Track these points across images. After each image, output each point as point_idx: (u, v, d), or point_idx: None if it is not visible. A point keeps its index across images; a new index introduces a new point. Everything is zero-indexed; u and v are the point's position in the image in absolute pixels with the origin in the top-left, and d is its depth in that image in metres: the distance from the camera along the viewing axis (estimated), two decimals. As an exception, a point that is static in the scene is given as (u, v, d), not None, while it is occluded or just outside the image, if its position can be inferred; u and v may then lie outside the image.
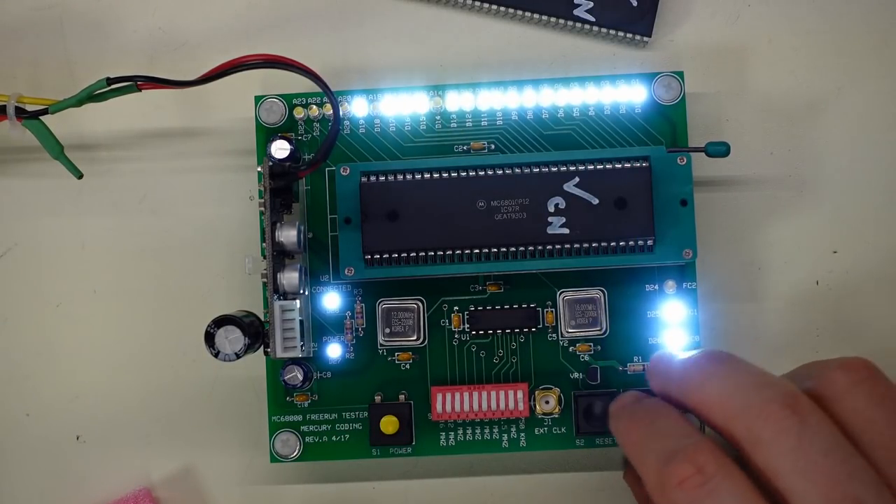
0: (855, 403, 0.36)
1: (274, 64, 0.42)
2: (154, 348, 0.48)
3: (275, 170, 0.42)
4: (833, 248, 0.47)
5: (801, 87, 0.48)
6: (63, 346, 0.48)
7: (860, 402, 0.36)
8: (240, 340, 0.40)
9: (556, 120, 0.46)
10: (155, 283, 0.48)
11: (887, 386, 0.37)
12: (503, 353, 0.45)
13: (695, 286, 0.45)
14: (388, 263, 0.43)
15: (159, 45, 0.49)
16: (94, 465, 0.48)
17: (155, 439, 0.48)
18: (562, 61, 0.48)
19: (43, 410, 0.48)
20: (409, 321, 0.45)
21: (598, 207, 0.43)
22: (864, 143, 0.47)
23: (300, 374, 0.44)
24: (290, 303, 0.41)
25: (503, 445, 0.45)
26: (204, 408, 0.48)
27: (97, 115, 0.46)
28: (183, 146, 0.48)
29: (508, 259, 0.43)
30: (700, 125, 0.47)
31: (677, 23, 0.48)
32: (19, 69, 0.49)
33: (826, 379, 0.37)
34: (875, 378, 0.37)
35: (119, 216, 0.48)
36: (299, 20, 0.48)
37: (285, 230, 0.42)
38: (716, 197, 0.47)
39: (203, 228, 0.48)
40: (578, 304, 0.45)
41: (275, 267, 0.41)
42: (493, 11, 0.48)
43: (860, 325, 0.47)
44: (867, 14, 0.48)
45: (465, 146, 0.46)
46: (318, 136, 0.46)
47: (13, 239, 0.49)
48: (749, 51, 0.48)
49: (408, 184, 0.43)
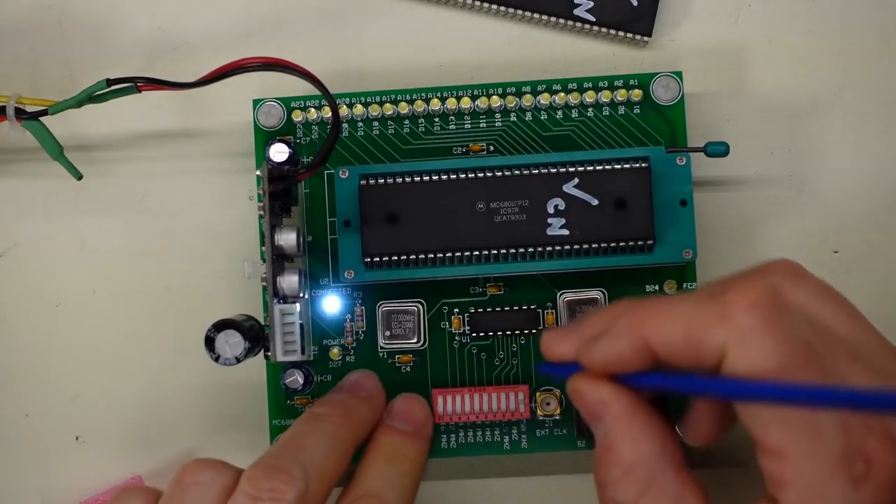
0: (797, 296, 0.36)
1: (273, 67, 0.42)
2: (154, 349, 0.48)
3: (273, 173, 0.42)
4: (833, 248, 0.47)
5: (801, 87, 0.47)
6: (63, 346, 0.48)
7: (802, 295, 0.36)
8: (240, 344, 0.40)
9: (554, 121, 0.46)
10: (154, 283, 0.48)
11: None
12: (504, 354, 0.45)
13: (695, 286, 0.45)
14: (388, 266, 0.43)
15: (159, 46, 0.49)
16: (94, 465, 0.48)
17: (154, 440, 0.48)
18: (562, 61, 0.48)
19: (42, 411, 0.48)
20: (410, 324, 0.45)
21: (597, 208, 0.43)
22: (864, 143, 0.47)
23: (300, 378, 0.45)
24: (289, 306, 0.41)
25: (504, 447, 0.45)
26: (204, 410, 0.48)
27: (97, 115, 0.46)
28: (182, 148, 0.48)
29: (508, 261, 0.43)
30: (700, 125, 0.47)
31: (677, 23, 0.48)
32: (19, 69, 0.49)
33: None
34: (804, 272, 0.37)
35: (118, 217, 0.48)
36: (299, 21, 0.48)
37: (284, 234, 0.42)
38: (716, 197, 0.47)
39: (202, 230, 0.48)
40: (579, 305, 0.45)
41: (274, 270, 0.41)
42: (493, 11, 0.48)
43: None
44: (867, 14, 0.47)
45: (464, 148, 0.46)
46: (316, 139, 0.46)
47: (13, 239, 0.49)
48: (749, 51, 0.48)
49: (407, 186, 0.43)
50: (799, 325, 0.34)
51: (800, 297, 0.36)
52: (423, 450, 0.43)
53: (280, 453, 0.39)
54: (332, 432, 0.40)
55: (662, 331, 0.35)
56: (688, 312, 0.35)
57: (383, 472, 0.41)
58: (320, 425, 0.41)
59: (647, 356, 0.36)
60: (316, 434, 0.40)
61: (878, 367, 0.35)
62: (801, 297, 0.36)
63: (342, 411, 0.42)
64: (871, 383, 0.34)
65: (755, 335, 0.33)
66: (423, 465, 0.43)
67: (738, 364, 0.33)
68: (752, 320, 0.33)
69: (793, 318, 0.34)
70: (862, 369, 0.34)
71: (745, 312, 0.34)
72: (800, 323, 0.34)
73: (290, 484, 0.37)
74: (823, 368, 0.33)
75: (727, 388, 0.34)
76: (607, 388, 0.37)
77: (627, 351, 0.36)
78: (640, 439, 0.37)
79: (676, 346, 0.35)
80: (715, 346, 0.34)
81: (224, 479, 0.38)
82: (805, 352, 0.33)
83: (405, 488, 0.41)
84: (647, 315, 0.36)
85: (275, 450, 0.39)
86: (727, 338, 0.34)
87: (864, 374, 0.34)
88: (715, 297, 0.35)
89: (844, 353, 0.35)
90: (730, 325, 0.34)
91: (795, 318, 0.34)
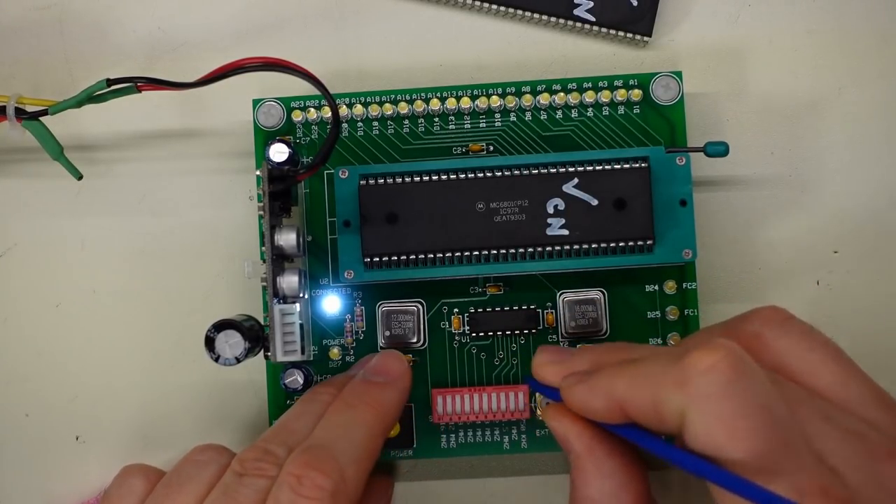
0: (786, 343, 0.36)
1: (273, 67, 0.42)
2: (154, 349, 0.48)
3: (273, 173, 0.42)
4: (833, 248, 0.47)
5: (801, 87, 0.47)
6: (63, 346, 0.48)
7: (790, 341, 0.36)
8: (240, 345, 0.40)
9: (554, 121, 0.46)
10: (154, 283, 0.48)
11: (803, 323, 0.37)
12: (504, 354, 0.45)
13: (695, 286, 0.45)
14: (388, 266, 0.43)
15: (159, 46, 0.49)
16: (94, 465, 0.48)
17: (154, 440, 0.48)
18: (562, 61, 0.48)
19: (42, 411, 0.48)
20: (409, 324, 0.45)
21: (597, 208, 0.43)
22: (864, 143, 0.47)
23: (301, 378, 0.45)
24: (289, 306, 0.41)
25: (504, 447, 0.45)
26: (204, 410, 0.48)
27: (97, 115, 0.46)
28: (182, 147, 0.48)
29: (508, 261, 0.43)
30: (700, 125, 0.47)
31: (677, 23, 0.48)
32: (19, 69, 0.49)
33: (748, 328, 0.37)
34: (792, 318, 0.37)
35: (118, 217, 0.48)
36: (298, 21, 0.48)
37: (284, 234, 0.42)
38: (716, 197, 0.47)
39: (202, 230, 0.48)
40: (578, 305, 0.45)
41: (274, 271, 0.41)
42: (493, 11, 0.48)
43: (860, 324, 0.47)
44: (867, 14, 0.47)
45: (464, 148, 0.46)
46: (316, 139, 0.46)
47: (13, 239, 0.49)
48: (749, 51, 0.48)
49: (407, 186, 0.43)
50: (761, 390, 0.33)
51: (782, 345, 0.36)
52: (392, 398, 0.42)
53: (271, 437, 0.39)
54: (322, 414, 0.40)
55: (633, 396, 0.35)
56: (655, 375, 0.34)
57: (337, 421, 0.40)
58: (313, 407, 0.41)
59: (621, 415, 0.36)
60: (306, 417, 0.40)
61: (853, 426, 0.34)
62: (783, 346, 0.36)
63: (338, 392, 0.42)
64: (842, 445, 0.33)
65: (711, 401, 0.32)
66: (391, 413, 0.41)
67: (696, 431, 0.32)
68: (709, 385, 0.32)
69: (754, 381, 0.33)
70: (833, 430, 0.33)
71: (703, 376, 0.32)
72: (762, 386, 0.33)
73: (277, 464, 0.38)
74: (787, 434, 0.32)
75: (681, 460, 0.33)
76: (571, 425, 0.38)
77: (601, 409, 0.36)
78: (598, 476, 0.37)
79: (647, 411, 0.34)
80: (674, 411, 0.33)
81: (222, 459, 0.40)
82: (764, 418, 0.32)
83: (361, 437, 0.39)
84: (621, 379, 0.36)
85: (268, 434, 0.40)
86: (685, 403, 0.33)
87: (836, 435, 0.33)
88: (679, 358, 0.33)
89: (817, 412, 0.34)
90: (688, 389, 0.33)
91: (757, 381, 0.33)
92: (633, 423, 0.35)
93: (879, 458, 0.33)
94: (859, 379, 0.36)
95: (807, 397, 0.35)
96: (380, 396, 0.41)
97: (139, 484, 0.40)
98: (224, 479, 0.38)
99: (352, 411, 0.40)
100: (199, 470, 0.39)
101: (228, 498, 0.37)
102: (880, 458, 0.33)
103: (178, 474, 0.40)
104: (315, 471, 0.37)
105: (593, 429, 0.37)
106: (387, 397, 0.41)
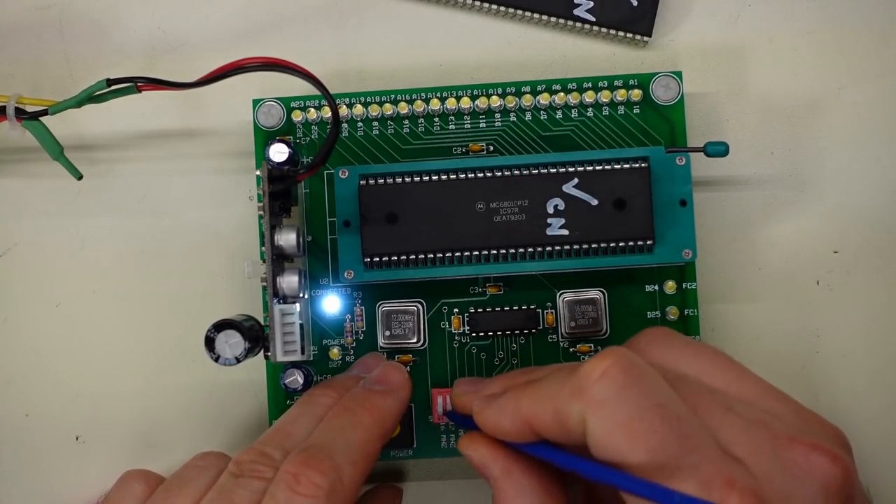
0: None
1: (273, 67, 0.42)
2: (154, 349, 0.48)
3: (273, 173, 0.42)
4: (833, 248, 0.47)
5: (801, 87, 0.47)
6: (63, 346, 0.48)
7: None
8: (240, 345, 0.40)
9: (554, 121, 0.46)
10: (154, 283, 0.48)
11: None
12: (503, 354, 0.45)
13: (695, 286, 0.45)
14: (388, 266, 0.43)
15: (159, 46, 0.49)
16: (94, 465, 0.48)
17: (154, 440, 0.48)
18: (562, 61, 0.48)
19: (42, 411, 0.48)
20: (409, 323, 0.45)
21: (597, 208, 0.43)
22: (864, 143, 0.47)
23: (301, 378, 0.45)
24: (289, 306, 0.41)
25: (503, 447, 0.45)
26: (204, 410, 0.48)
27: (97, 115, 0.46)
28: (182, 148, 0.48)
29: (508, 261, 0.43)
30: (700, 125, 0.47)
31: (677, 23, 0.48)
32: (19, 69, 0.49)
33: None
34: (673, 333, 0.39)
35: (118, 217, 0.48)
36: (298, 21, 0.48)
37: (284, 234, 0.41)
38: (716, 197, 0.47)
39: (202, 230, 0.48)
40: (578, 304, 0.45)
41: (274, 270, 0.41)
42: (493, 11, 0.48)
43: (860, 324, 0.47)
44: (867, 14, 0.47)
45: (464, 148, 0.46)
46: (316, 139, 0.46)
47: (13, 239, 0.49)
48: (749, 51, 0.48)
49: (407, 186, 0.43)
50: (655, 389, 0.34)
51: (670, 354, 0.37)
52: (391, 405, 0.42)
53: (267, 440, 0.40)
54: (321, 416, 0.41)
55: (537, 412, 0.35)
56: (553, 390, 0.35)
57: (335, 423, 0.40)
58: (310, 410, 0.41)
59: (530, 432, 0.36)
60: (303, 420, 0.41)
61: (754, 415, 0.35)
62: (671, 355, 0.37)
63: (339, 395, 0.42)
64: (746, 434, 0.34)
65: (607, 406, 0.33)
66: (389, 419, 0.42)
67: (597, 438, 0.33)
68: (603, 391, 0.33)
69: (647, 382, 0.34)
70: (736, 419, 0.34)
71: (597, 383, 0.33)
72: (656, 386, 0.34)
73: (273, 466, 0.38)
74: (686, 429, 0.33)
75: (584, 469, 0.34)
76: (486, 451, 0.38)
77: (511, 428, 0.37)
78: (518, 496, 0.38)
79: (551, 425, 0.35)
80: (576, 421, 0.34)
81: (222, 464, 0.40)
82: (660, 416, 0.33)
83: (359, 439, 0.40)
84: (525, 396, 0.36)
85: (265, 436, 0.40)
86: (584, 411, 0.33)
87: (739, 425, 0.34)
88: (574, 371, 0.34)
89: (718, 404, 0.35)
90: (584, 398, 0.33)
91: (650, 382, 0.34)
92: (544, 441, 0.36)
93: (783, 445, 0.34)
94: (752, 375, 0.37)
95: (707, 391, 0.35)
96: (379, 402, 0.41)
97: (139, 488, 0.41)
98: (220, 480, 0.39)
99: (350, 415, 0.40)
100: (199, 474, 0.40)
101: (224, 498, 0.37)
102: (783, 445, 0.34)
103: (177, 479, 0.40)
104: (312, 469, 0.37)
105: (508, 451, 0.38)
106: (387, 404, 0.42)
